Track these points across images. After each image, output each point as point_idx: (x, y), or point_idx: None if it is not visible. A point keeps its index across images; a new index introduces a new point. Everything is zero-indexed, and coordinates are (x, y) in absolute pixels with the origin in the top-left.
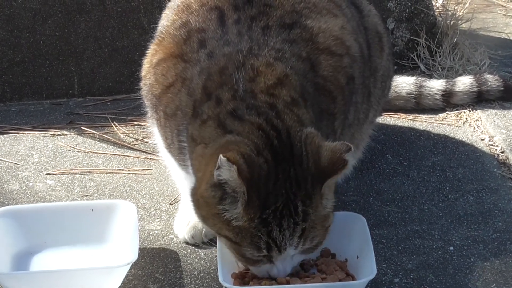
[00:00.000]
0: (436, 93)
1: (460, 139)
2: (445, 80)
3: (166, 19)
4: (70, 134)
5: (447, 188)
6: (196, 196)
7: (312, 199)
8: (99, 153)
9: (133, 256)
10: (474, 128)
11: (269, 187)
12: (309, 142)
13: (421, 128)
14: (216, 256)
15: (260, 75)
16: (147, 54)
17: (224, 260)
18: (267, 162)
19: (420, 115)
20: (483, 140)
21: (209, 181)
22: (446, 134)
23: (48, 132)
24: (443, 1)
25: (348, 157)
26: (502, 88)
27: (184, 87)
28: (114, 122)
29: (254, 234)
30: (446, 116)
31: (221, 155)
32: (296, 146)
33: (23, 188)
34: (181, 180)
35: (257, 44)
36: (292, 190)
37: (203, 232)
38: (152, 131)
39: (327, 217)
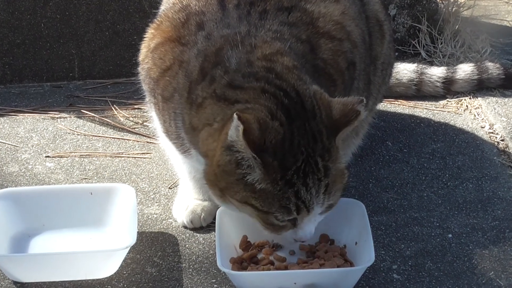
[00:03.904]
0: (437, 80)
1: (460, 126)
2: (446, 68)
3: (167, 3)
4: (70, 117)
5: (447, 175)
6: (212, 169)
7: (330, 153)
8: (99, 136)
9: (132, 239)
10: (475, 115)
11: (285, 148)
12: (319, 97)
13: (422, 115)
14: (214, 241)
15: (258, 48)
16: (144, 39)
17: (222, 245)
18: (282, 124)
19: (421, 102)
20: (483, 127)
21: (223, 143)
22: (447, 121)
23: (48, 115)
24: None
25: (360, 108)
26: (503, 76)
27: (181, 70)
28: (114, 105)
29: (281, 197)
30: (447, 103)
31: (235, 113)
32: (307, 101)
33: (22, 171)
34: (179, 164)
35: (255, 27)
36: (310, 146)
37: (202, 216)
38: (151, 115)
39: (343, 172)
